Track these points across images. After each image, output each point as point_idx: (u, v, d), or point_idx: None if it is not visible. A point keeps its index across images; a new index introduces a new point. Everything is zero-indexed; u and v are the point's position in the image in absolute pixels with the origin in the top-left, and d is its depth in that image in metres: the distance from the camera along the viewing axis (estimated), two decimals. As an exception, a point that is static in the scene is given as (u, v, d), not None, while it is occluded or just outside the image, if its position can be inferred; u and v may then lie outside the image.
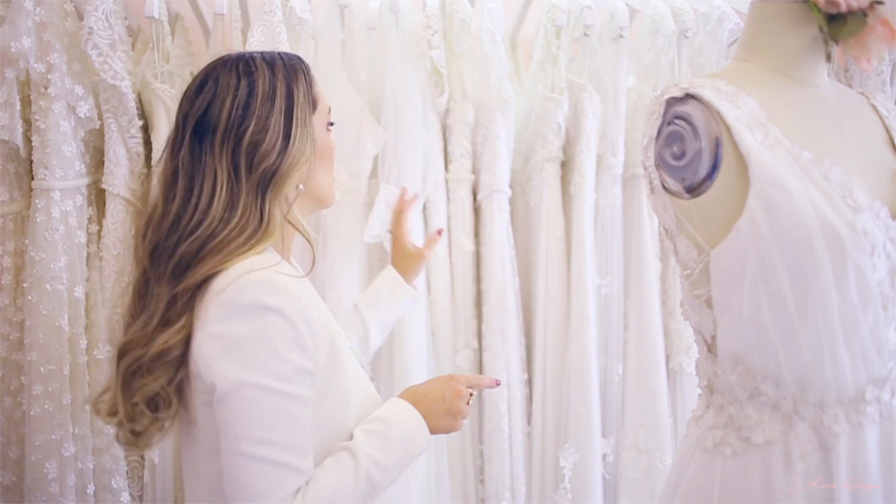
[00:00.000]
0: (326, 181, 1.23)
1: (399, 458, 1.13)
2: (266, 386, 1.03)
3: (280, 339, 1.04)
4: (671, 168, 1.05)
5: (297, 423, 1.04)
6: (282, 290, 1.06)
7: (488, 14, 1.79)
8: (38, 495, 1.57)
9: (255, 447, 1.02)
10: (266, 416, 1.03)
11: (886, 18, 0.99)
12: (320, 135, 1.21)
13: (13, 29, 1.57)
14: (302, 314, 1.06)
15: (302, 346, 1.06)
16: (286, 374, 1.04)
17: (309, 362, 1.06)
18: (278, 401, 1.03)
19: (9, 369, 1.64)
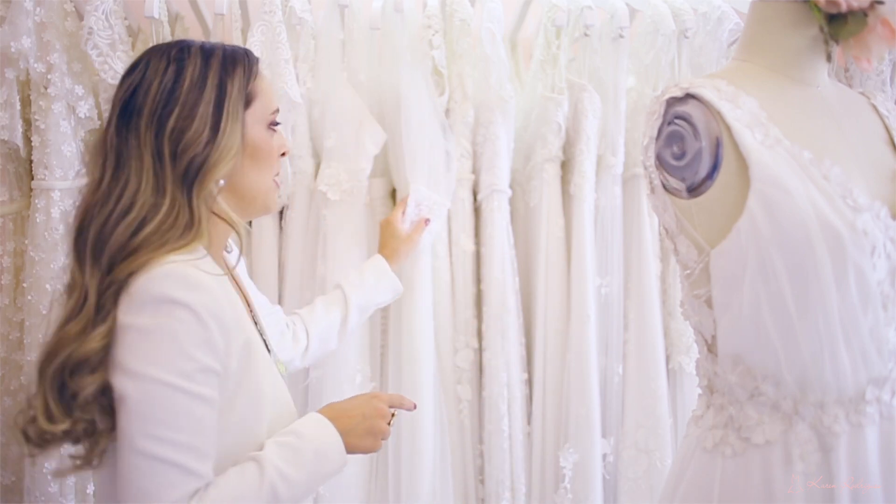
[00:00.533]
0: (260, 183, 1.16)
1: (309, 475, 1.08)
2: (168, 382, 0.97)
3: (186, 335, 0.99)
4: (671, 168, 1.05)
5: (198, 424, 0.99)
6: (194, 284, 1.00)
7: (488, 14, 1.79)
8: (38, 495, 1.57)
9: (151, 445, 0.96)
10: (166, 413, 0.98)
11: (886, 18, 0.99)
12: (254, 132, 1.14)
13: (13, 29, 1.57)
14: (214, 312, 1.00)
15: (210, 345, 1.00)
16: (190, 371, 0.98)
17: (216, 363, 1.01)
18: (180, 399, 0.98)
19: (9, 369, 1.64)
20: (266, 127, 1.16)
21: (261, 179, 1.16)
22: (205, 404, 1.00)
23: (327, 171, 1.77)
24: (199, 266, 1.03)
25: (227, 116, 1.09)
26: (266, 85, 1.17)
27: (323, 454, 1.10)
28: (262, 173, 1.16)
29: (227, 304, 1.04)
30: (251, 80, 1.14)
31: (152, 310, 0.99)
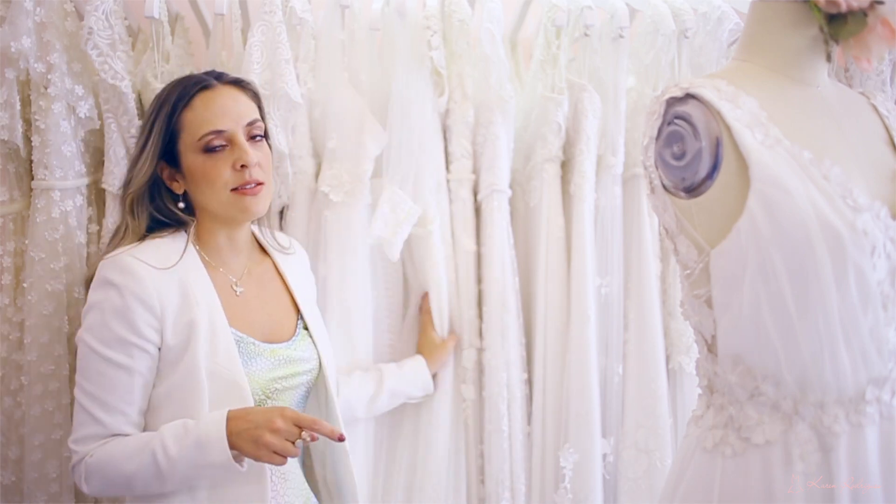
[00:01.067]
0: (210, 200, 1.40)
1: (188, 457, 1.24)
2: (90, 345, 1.29)
3: (109, 310, 1.29)
4: (671, 168, 1.05)
5: (108, 383, 1.28)
6: (126, 270, 1.30)
7: (488, 14, 1.79)
8: (38, 495, 1.57)
9: (77, 391, 1.31)
10: (85, 370, 1.30)
11: (886, 18, 0.99)
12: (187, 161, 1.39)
13: (13, 29, 1.57)
14: (138, 294, 1.29)
15: (128, 321, 1.28)
16: (107, 339, 1.28)
17: (135, 337, 1.28)
18: (95, 360, 1.29)
19: (9, 369, 1.64)
20: (200, 152, 1.37)
21: (210, 197, 1.39)
22: (115, 368, 1.28)
23: (329, 172, 1.77)
24: (138, 256, 1.32)
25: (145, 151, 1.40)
26: (199, 113, 1.38)
27: (205, 444, 1.24)
28: (208, 192, 1.39)
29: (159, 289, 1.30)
30: (175, 115, 1.39)
31: (96, 288, 1.32)
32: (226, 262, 1.45)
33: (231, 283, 1.43)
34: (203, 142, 1.37)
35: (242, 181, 1.37)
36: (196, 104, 1.39)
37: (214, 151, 1.37)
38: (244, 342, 1.37)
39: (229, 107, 1.40)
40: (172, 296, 1.32)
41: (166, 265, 1.33)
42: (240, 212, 1.39)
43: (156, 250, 1.35)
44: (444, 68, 1.80)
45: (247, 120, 1.40)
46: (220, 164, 1.37)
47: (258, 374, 1.37)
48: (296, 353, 1.44)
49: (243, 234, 1.47)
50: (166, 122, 1.39)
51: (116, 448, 1.27)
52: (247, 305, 1.43)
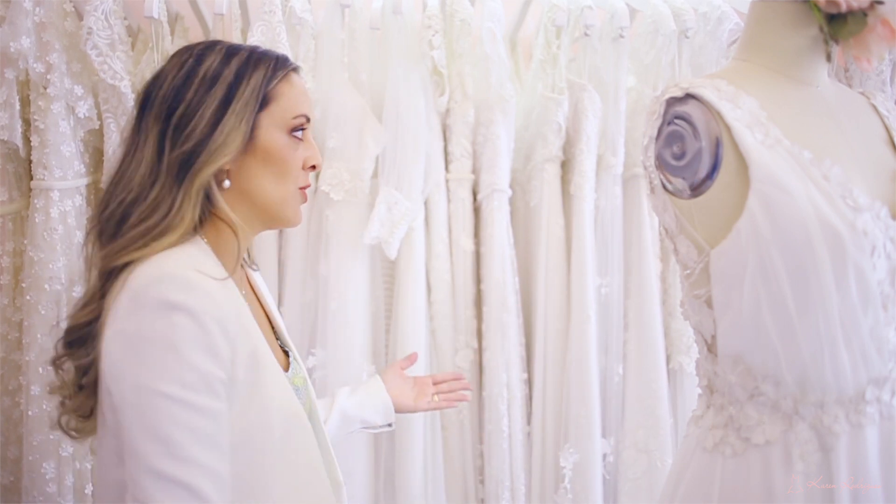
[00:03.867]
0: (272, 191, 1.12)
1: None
2: (168, 394, 0.93)
3: (187, 342, 0.94)
4: (671, 168, 1.05)
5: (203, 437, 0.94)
6: (194, 287, 0.97)
7: (488, 14, 1.79)
8: (36, 495, 1.57)
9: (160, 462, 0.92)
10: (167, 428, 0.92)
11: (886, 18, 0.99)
12: (268, 135, 1.11)
13: (13, 29, 1.57)
14: (216, 316, 0.96)
15: (213, 352, 0.95)
16: (192, 381, 0.94)
17: (221, 370, 0.96)
18: (180, 412, 0.93)
19: (7, 369, 1.64)
20: (286, 133, 1.12)
21: (274, 187, 1.12)
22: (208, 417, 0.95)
23: (329, 171, 1.77)
24: (199, 268, 1.00)
25: (230, 114, 1.06)
26: (296, 91, 1.14)
27: None
28: (275, 180, 1.12)
29: (232, 309, 1.00)
30: (273, 82, 1.11)
31: (152, 315, 0.95)
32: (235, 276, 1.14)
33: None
34: (295, 122, 1.12)
35: (307, 182, 1.17)
36: (294, 80, 1.15)
37: (297, 138, 1.13)
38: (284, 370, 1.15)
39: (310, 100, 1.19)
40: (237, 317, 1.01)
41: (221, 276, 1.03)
42: (294, 214, 1.15)
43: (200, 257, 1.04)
44: (444, 68, 1.80)
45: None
46: (296, 154, 1.13)
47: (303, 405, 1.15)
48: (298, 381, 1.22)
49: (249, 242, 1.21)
50: (265, 84, 1.10)
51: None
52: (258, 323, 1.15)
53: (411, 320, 1.77)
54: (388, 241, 1.74)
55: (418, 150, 1.78)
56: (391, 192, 1.75)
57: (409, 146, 1.77)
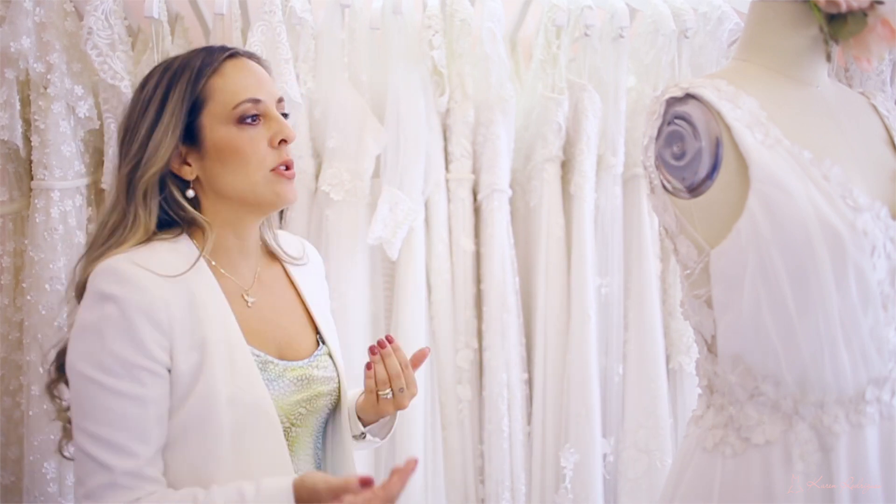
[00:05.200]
0: (238, 181, 1.15)
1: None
2: (88, 376, 1.03)
3: (110, 330, 1.03)
4: (671, 168, 1.05)
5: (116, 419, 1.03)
6: (126, 280, 1.05)
7: (489, 14, 1.79)
8: (37, 495, 1.57)
9: (77, 435, 1.04)
10: (86, 407, 1.04)
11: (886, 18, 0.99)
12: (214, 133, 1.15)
13: (13, 29, 1.57)
14: (144, 308, 1.04)
15: (135, 342, 1.03)
16: (109, 366, 1.03)
17: (144, 359, 1.04)
18: (97, 394, 1.03)
19: (8, 369, 1.64)
20: (233, 124, 1.15)
21: (239, 179, 1.15)
22: (126, 400, 1.03)
23: (329, 171, 1.77)
24: (142, 263, 1.07)
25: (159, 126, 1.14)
26: (233, 80, 1.16)
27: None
28: (237, 172, 1.15)
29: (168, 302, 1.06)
30: (201, 82, 1.15)
31: (89, 305, 1.05)
32: (235, 268, 1.21)
33: (242, 293, 1.21)
34: (238, 111, 1.14)
35: (281, 159, 1.16)
36: (227, 70, 1.17)
37: (249, 124, 1.15)
38: (264, 361, 1.16)
39: (263, 78, 1.20)
40: (181, 310, 1.08)
41: (173, 273, 1.09)
42: (276, 196, 1.16)
43: (158, 254, 1.11)
44: (444, 68, 1.80)
45: (277, 95, 1.21)
46: (256, 137, 1.15)
47: (282, 398, 1.16)
48: (316, 373, 1.23)
49: (253, 234, 1.24)
50: (189, 89, 1.15)
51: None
52: (261, 318, 1.21)
53: (411, 320, 1.77)
54: (391, 242, 1.74)
55: (419, 150, 1.79)
56: (394, 192, 1.75)
57: (411, 146, 1.77)
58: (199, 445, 1.08)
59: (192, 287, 1.11)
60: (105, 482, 1.02)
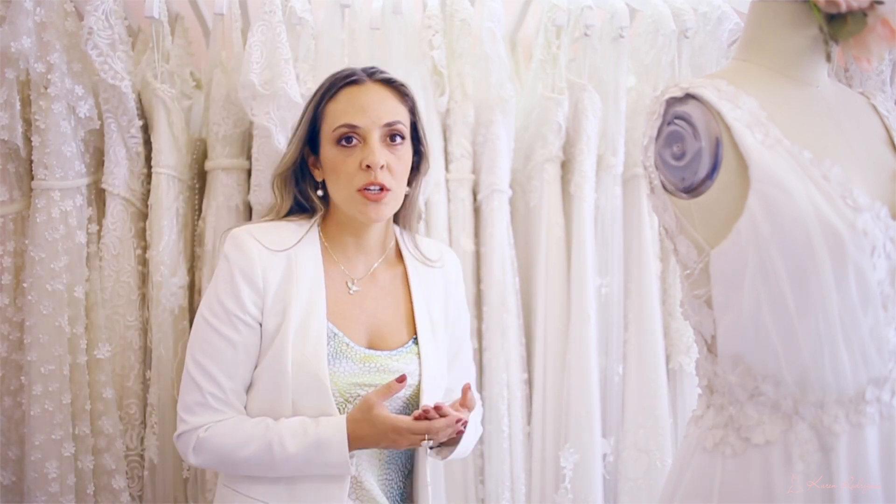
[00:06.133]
0: (336, 193, 1.40)
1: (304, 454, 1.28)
2: (202, 314, 1.35)
3: (221, 283, 1.35)
4: (671, 168, 1.05)
5: (214, 353, 1.32)
6: (238, 246, 1.35)
7: (489, 14, 1.79)
8: (38, 495, 1.57)
9: (187, 358, 1.35)
10: (196, 338, 1.35)
11: (886, 18, 0.99)
12: (324, 151, 1.41)
13: (13, 29, 1.57)
14: (244, 270, 1.34)
15: (235, 295, 1.33)
16: (217, 311, 1.33)
17: (240, 311, 1.33)
18: (204, 329, 1.34)
19: (9, 369, 1.64)
20: (334, 144, 1.39)
21: (337, 191, 1.41)
22: (223, 340, 1.32)
23: (328, 171, 1.77)
24: (254, 233, 1.37)
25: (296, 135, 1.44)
26: (341, 105, 1.40)
27: (325, 446, 1.28)
28: (335, 185, 1.40)
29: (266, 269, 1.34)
30: (321, 104, 1.42)
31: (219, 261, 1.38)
32: (349, 260, 1.45)
33: (347, 281, 1.43)
34: (336, 133, 1.38)
35: (366, 181, 1.36)
36: (340, 97, 1.41)
37: (346, 146, 1.38)
38: (337, 339, 1.36)
39: (370, 104, 1.39)
40: (277, 277, 1.34)
41: (279, 248, 1.37)
42: (359, 213, 1.38)
43: (277, 231, 1.39)
44: (444, 67, 1.80)
45: (386, 120, 1.39)
46: (349, 160, 1.37)
47: (340, 376, 1.35)
48: (395, 365, 1.39)
49: (373, 235, 1.46)
50: (313, 111, 1.42)
51: (234, 431, 1.30)
52: (357, 306, 1.41)
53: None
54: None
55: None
56: None
57: None
58: (270, 394, 1.33)
59: (294, 261, 1.37)
60: (198, 399, 1.32)
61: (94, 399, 1.63)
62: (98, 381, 1.63)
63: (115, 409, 1.64)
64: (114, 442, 1.63)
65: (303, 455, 1.28)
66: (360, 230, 1.43)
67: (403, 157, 1.42)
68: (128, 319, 1.68)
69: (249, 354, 1.34)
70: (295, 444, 1.28)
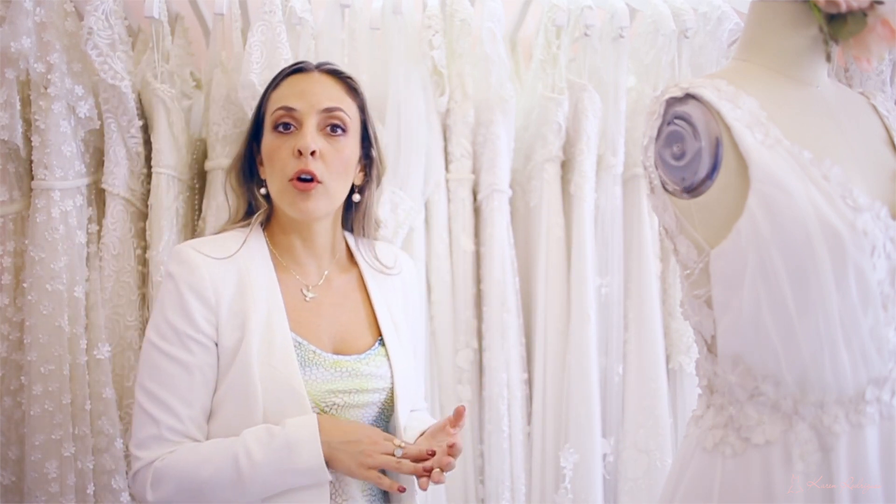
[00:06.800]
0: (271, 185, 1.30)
1: (274, 461, 1.15)
2: (149, 339, 1.22)
3: (168, 302, 1.22)
4: (671, 168, 1.05)
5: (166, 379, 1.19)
6: (182, 261, 1.24)
7: (489, 14, 1.79)
8: (38, 495, 1.57)
9: (136, 390, 1.22)
10: (145, 366, 1.22)
11: (886, 18, 0.99)
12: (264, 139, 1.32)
13: (13, 29, 1.57)
14: (192, 285, 1.21)
15: (185, 314, 1.20)
16: (166, 333, 1.21)
17: (191, 329, 1.20)
18: (154, 356, 1.21)
19: (9, 369, 1.64)
20: (271, 130, 1.30)
21: (271, 182, 1.30)
22: (175, 364, 1.20)
23: (328, 171, 1.77)
24: (197, 246, 1.26)
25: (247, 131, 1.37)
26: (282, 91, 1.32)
27: (295, 447, 1.15)
28: (271, 176, 1.30)
29: (216, 282, 1.22)
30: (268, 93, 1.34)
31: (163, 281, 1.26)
32: (300, 265, 1.34)
33: (301, 287, 1.32)
34: (274, 117, 1.29)
35: (297, 169, 1.25)
36: (283, 84, 1.33)
37: (283, 132, 1.28)
38: (303, 348, 1.25)
39: (310, 88, 1.30)
40: (229, 290, 1.23)
41: (225, 255, 1.25)
42: (289, 206, 1.28)
43: (221, 241, 1.28)
44: (444, 68, 1.80)
45: (326, 105, 1.29)
46: (283, 146, 1.27)
47: (315, 384, 1.24)
48: (365, 368, 1.30)
49: (320, 236, 1.34)
50: (260, 102, 1.35)
51: (190, 453, 1.18)
52: (315, 313, 1.31)
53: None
54: (392, 242, 1.75)
55: (419, 150, 1.79)
56: (394, 192, 1.75)
57: (411, 146, 1.77)
58: (237, 418, 1.21)
59: (245, 271, 1.26)
60: (152, 433, 1.18)
61: (94, 399, 1.63)
62: (98, 381, 1.63)
63: (115, 409, 1.64)
64: (114, 442, 1.63)
65: (273, 462, 1.15)
66: (305, 231, 1.32)
67: (343, 150, 1.30)
68: (128, 319, 1.68)
69: (206, 377, 1.21)
70: (261, 450, 1.15)
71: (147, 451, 1.19)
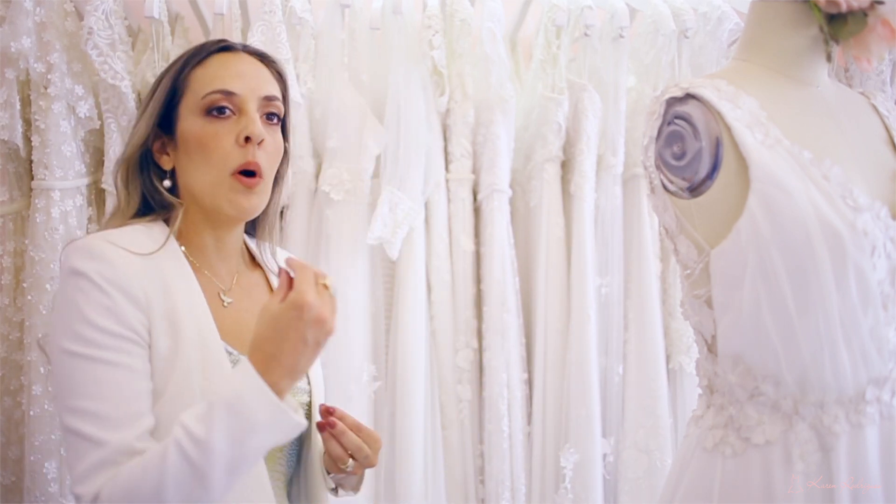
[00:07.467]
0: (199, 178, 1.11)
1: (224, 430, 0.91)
2: (70, 351, 0.97)
3: (86, 302, 0.98)
4: (671, 168, 1.05)
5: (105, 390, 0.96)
6: (97, 255, 1.01)
7: (489, 14, 1.79)
8: (38, 495, 1.57)
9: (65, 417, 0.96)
10: (70, 384, 0.97)
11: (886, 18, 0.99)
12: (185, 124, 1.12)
13: (13, 29, 1.57)
14: (114, 280, 1.00)
15: (113, 312, 0.98)
16: (90, 336, 0.97)
17: (126, 330, 0.98)
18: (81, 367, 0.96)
19: (9, 369, 1.64)
20: (201, 115, 1.11)
21: (200, 174, 1.11)
22: (109, 368, 0.97)
23: (330, 171, 1.77)
24: (116, 241, 1.04)
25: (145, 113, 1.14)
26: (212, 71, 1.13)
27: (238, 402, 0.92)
28: (200, 167, 1.10)
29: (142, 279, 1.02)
30: (184, 72, 1.13)
31: (62, 282, 1.03)
32: (213, 267, 1.17)
33: (218, 292, 1.16)
34: (207, 100, 1.11)
35: (244, 160, 1.09)
36: (211, 62, 1.14)
37: (218, 117, 1.11)
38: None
39: (248, 72, 1.15)
40: (155, 290, 1.03)
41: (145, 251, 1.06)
42: (228, 204, 1.11)
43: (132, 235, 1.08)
44: (444, 68, 1.80)
45: (266, 93, 1.15)
46: (222, 133, 1.10)
47: None
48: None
49: (234, 236, 1.20)
50: (172, 80, 1.13)
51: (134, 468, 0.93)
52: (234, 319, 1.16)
53: (411, 320, 1.77)
54: (391, 242, 1.75)
55: (419, 150, 1.79)
56: (394, 192, 1.75)
57: (412, 146, 1.77)
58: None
59: (166, 272, 1.06)
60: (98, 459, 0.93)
61: (94, 399, 1.63)
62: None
63: (115, 409, 1.64)
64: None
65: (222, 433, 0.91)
66: (221, 230, 1.15)
67: (278, 141, 1.17)
68: (128, 319, 1.68)
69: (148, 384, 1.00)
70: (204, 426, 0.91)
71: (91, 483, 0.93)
